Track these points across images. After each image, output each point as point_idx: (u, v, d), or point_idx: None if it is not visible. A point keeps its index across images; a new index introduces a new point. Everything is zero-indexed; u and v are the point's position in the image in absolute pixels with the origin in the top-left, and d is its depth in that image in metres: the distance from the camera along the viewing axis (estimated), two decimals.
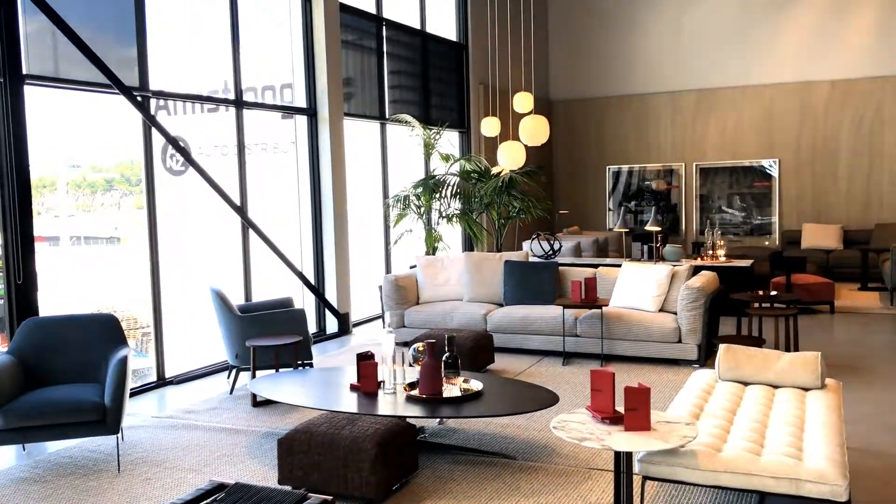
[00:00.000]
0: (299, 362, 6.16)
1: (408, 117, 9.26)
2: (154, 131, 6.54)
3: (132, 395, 6.16)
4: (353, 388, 4.81)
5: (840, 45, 12.43)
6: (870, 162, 12.40)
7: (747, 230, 13.28)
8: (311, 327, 8.50)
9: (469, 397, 4.56)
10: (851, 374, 6.33)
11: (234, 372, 6.24)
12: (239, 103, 7.46)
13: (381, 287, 7.76)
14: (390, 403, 4.53)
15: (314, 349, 7.90)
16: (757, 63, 12.97)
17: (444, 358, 4.81)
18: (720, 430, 3.69)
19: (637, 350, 6.87)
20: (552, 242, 10.01)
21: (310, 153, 8.40)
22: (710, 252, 9.44)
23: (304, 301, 8.32)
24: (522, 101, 10.09)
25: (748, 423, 3.79)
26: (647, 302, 7.07)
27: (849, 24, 12.36)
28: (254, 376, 5.81)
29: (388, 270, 9.65)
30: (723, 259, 9.33)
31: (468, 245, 11.63)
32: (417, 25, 10.64)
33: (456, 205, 9.17)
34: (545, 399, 4.56)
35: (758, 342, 6.29)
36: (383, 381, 4.81)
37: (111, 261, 7.27)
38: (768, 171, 13.04)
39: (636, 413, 3.31)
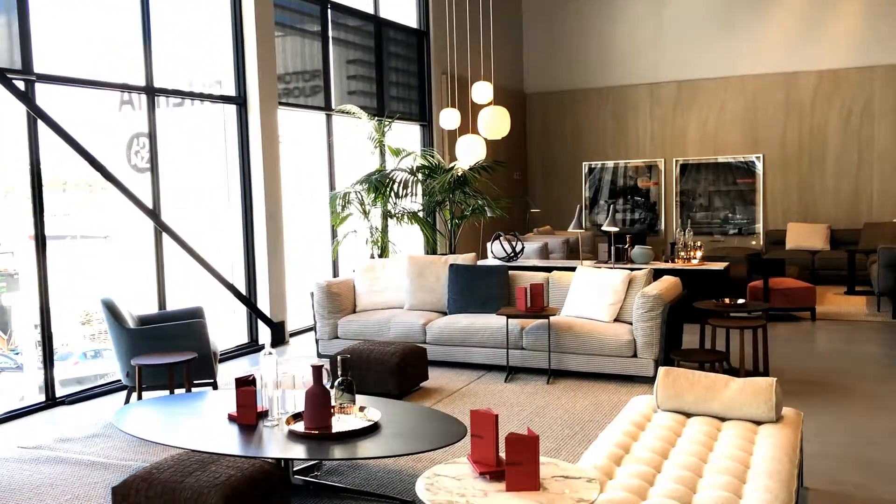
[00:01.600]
0: (199, 381, 5.44)
1: (353, 108, 8.53)
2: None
3: (6, 419, 5.44)
4: (231, 418, 4.08)
5: (827, 33, 11.70)
6: (859, 157, 11.68)
7: (730, 230, 12.55)
8: (242, 337, 7.79)
9: (362, 432, 3.83)
10: (826, 394, 5.60)
11: (127, 392, 5.51)
12: (150, 90, 6.72)
13: (312, 294, 7.03)
14: (264, 440, 3.80)
15: (244, 362, 7.19)
16: (740, 52, 12.24)
17: (336, 383, 4.09)
18: (640, 482, 2.96)
19: (589, 365, 6.14)
20: (514, 243, 9.30)
21: (240, 147, 7.67)
22: (683, 254, 8.71)
23: (237, 309, 7.60)
24: (481, 91, 9.36)
25: (678, 472, 3.06)
26: (601, 311, 6.34)
27: (837, 11, 11.63)
28: (139, 398, 5.08)
29: (335, 275, 8.92)
30: (695, 262, 8.60)
31: (432, 248, 10.90)
32: (370, 10, 9.90)
33: (406, 203, 8.43)
34: (452, 433, 3.83)
35: (720, 357, 5.57)
36: (269, 411, 4.09)
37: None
38: (751, 168, 12.31)
39: (521, 469, 2.58)
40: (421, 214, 8.56)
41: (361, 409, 4.06)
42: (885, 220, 11.41)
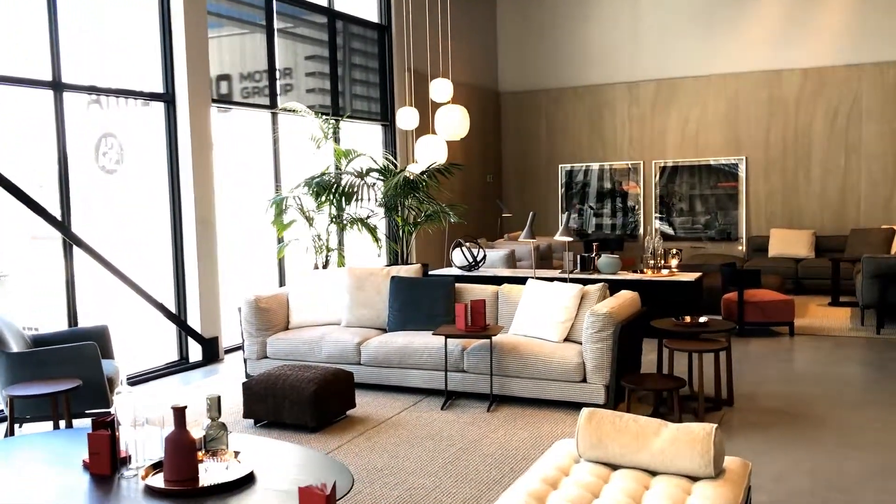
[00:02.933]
0: (92, 412, 4.84)
1: (298, 106, 7.94)
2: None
3: None
4: (85, 466, 3.49)
5: (813, 29, 11.13)
6: (846, 160, 11.10)
7: (711, 236, 11.96)
8: (172, 355, 7.19)
9: (233, 486, 3.23)
10: (794, 426, 5.01)
11: (8, 425, 4.91)
12: (57, 86, 6.12)
13: (239, 309, 6.44)
14: (111, 497, 3.20)
15: (174, 381, 6.59)
16: (721, 50, 11.66)
17: (206, 424, 3.50)
18: None
19: (535, 390, 5.54)
20: (475, 251, 8.72)
21: (168, 148, 7.08)
22: (653, 262, 8.12)
23: (167, 323, 7.01)
24: (440, 89, 8.77)
25: None
26: (550, 329, 5.75)
27: (822, 6, 11.05)
28: (10, 433, 4.49)
29: (281, 285, 8.32)
30: (666, 272, 8.02)
31: (393, 258, 10.31)
32: (324, 2, 9.31)
33: (354, 209, 7.83)
34: (337, 488, 3.23)
35: (677, 384, 4.98)
36: (131, 456, 3.49)
37: None
38: (733, 171, 11.72)
39: None
40: (371, 221, 7.95)
41: (237, 453, 3.47)
42: (874, 226, 10.83)
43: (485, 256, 8.84)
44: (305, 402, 5.02)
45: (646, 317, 5.92)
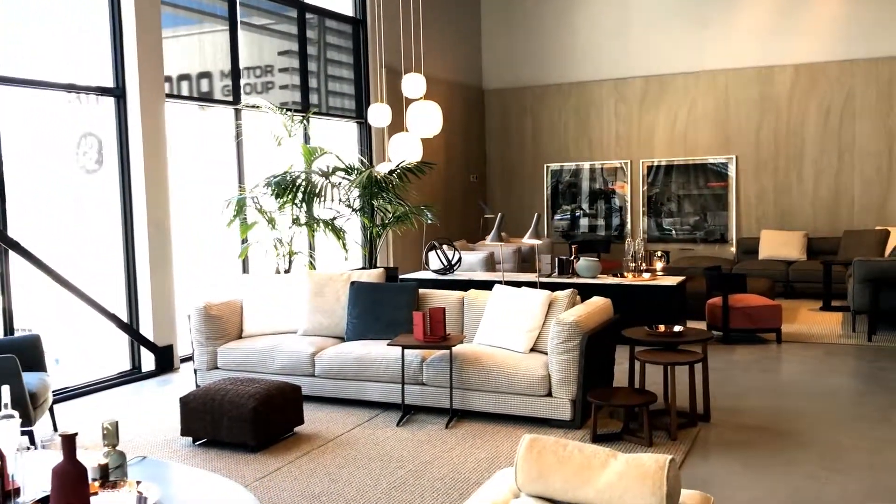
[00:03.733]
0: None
1: (260, 101, 7.56)
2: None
3: None
4: None
5: (805, 24, 10.75)
6: (839, 159, 10.72)
7: (701, 237, 11.58)
8: (125, 364, 6.81)
9: None
10: (774, 447, 4.63)
11: None
12: None
13: (189, 317, 6.06)
14: None
15: (125, 392, 6.22)
16: (711, 45, 11.28)
17: (104, 452, 3.12)
18: None
19: (498, 405, 5.16)
20: (451, 254, 8.35)
21: (119, 146, 6.70)
22: (633, 265, 7.74)
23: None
24: (413, 84, 8.41)
25: None
26: (516, 339, 5.37)
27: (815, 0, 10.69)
28: None
29: None
30: (647, 276, 7.64)
31: (369, 261, 9.93)
32: None
33: (319, 210, 7.45)
34: None
35: (647, 399, 4.61)
36: (21, 488, 3.12)
37: None
38: (723, 170, 11.34)
39: None
40: (341, 222, 7.57)
41: (138, 483, 3.09)
42: (867, 227, 10.45)
43: (460, 259, 8.47)
44: (245, 419, 4.64)
45: (620, 324, 5.54)
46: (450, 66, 11.79)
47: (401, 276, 8.44)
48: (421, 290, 6.06)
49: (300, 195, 7.02)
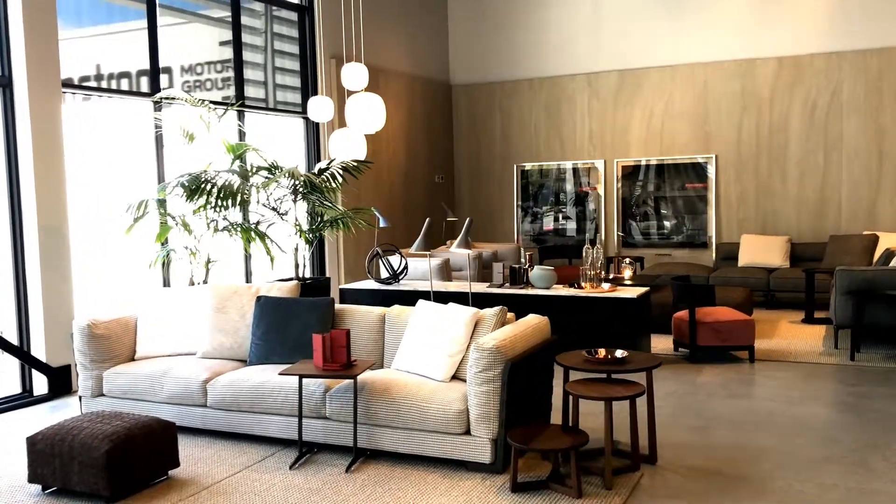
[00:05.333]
0: None
1: (177, 93, 6.81)
2: None
3: None
4: None
5: (788, 13, 10.02)
6: (825, 158, 9.98)
7: (679, 242, 10.84)
8: (14, 387, 6.06)
9: None
10: (727, 495, 3.88)
11: None
12: None
13: (72, 336, 5.31)
14: None
15: (13, 418, 5.48)
16: (688, 37, 10.55)
17: None
18: None
19: (409, 444, 4.41)
20: (395, 262, 7.62)
21: (6, 143, 5.95)
22: (592, 272, 6.98)
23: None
24: (353, 75, 7.67)
25: None
26: (436, 365, 4.63)
27: None
28: None
29: None
30: (608, 287, 6.89)
31: (318, 268, 9.20)
32: None
33: (241, 213, 6.71)
34: None
35: (577, 442, 3.87)
36: None
37: None
38: (702, 170, 10.60)
39: None
40: (262, 227, 6.82)
41: None
42: (855, 231, 9.72)
43: (406, 267, 7.73)
44: (97, 464, 3.89)
45: (557, 347, 4.80)
46: (413, 60, 11.06)
47: (341, 287, 7.70)
48: (339, 306, 5.32)
49: (214, 197, 6.26)
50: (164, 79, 8.05)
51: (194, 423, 4.97)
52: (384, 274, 7.76)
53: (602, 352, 4.49)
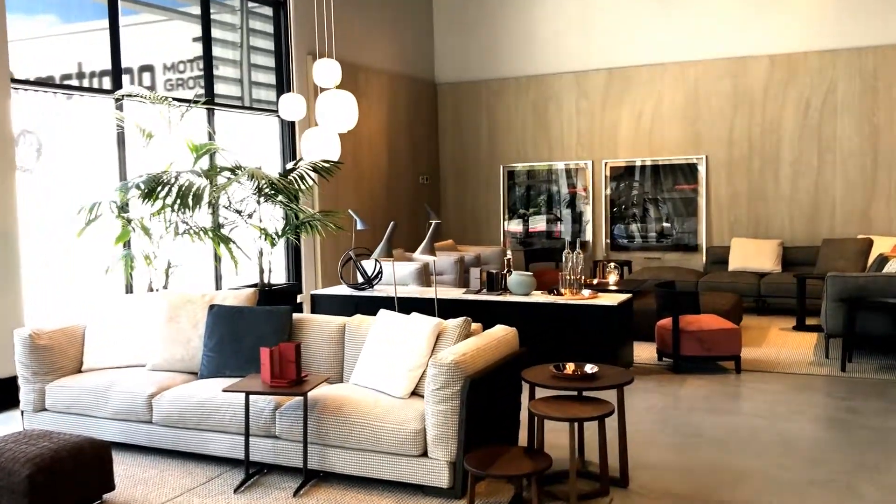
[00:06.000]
0: None
1: (136, 89, 6.51)
2: None
3: None
4: None
5: (781, 10, 9.72)
6: (819, 159, 9.68)
7: (669, 245, 10.53)
8: None
9: None
10: None
11: None
12: None
13: (14, 346, 5.00)
14: None
15: None
16: (679, 34, 10.25)
17: None
18: None
19: (363, 466, 4.11)
20: (368, 267, 7.32)
21: None
22: (572, 277, 6.68)
23: None
24: (325, 71, 7.37)
25: None
26: (395, 380, 4.33)
27: None
28: None
29: None
30: (588, 294, 6.59)
31: (294, 273, 8.89)
32: None
33: (203, 215, 6.41)
34: None
35: (539, 467, 3.56)
36: None
37: None
38: (692, 171, 10.30)
39: None
40: (227, 231, 6.51)
41: None
42: (849, 235, 9.42)
43: (380, 272, 7.43)
44: (18, 489, 3.59)
45: (526, 360, 4.50)
46: (396, 57, 10.75)
47: (313, 293, 7.40)
48: (297, 316, 5.02)
49: (172, 198, 5.95)
50: (146, 77, 7.81)
51: (140, 441, 4.67)
52: (348, 277, 7.46)
53: (571, 367, 4.19)
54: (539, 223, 11.35)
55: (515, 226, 11.46)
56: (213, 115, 7.89)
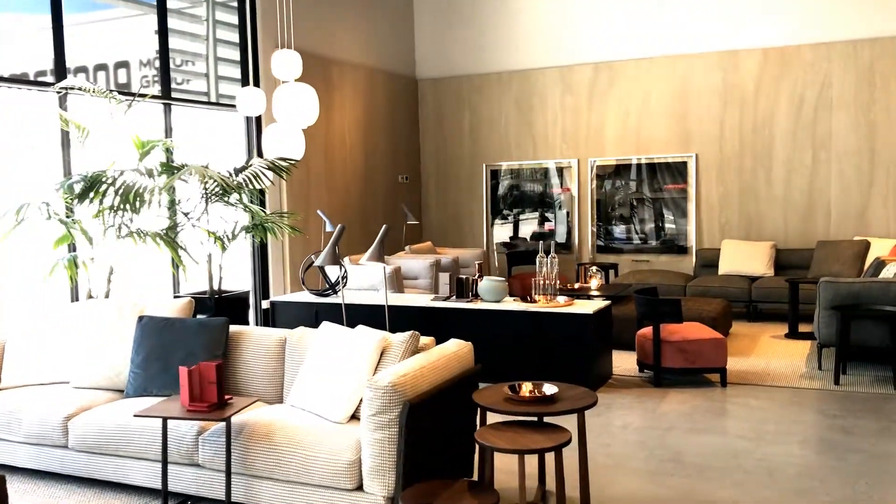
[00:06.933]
0: None
1: (78, 81, 6.05)
2: None
3: None
4: None
5: (774, 1, 9.26)
6: (814, 157, 9.23)
7: (657, 247, 10.08)
8: None
9: None
10: None
11: None
12: None
13: None
14: None
15: None
16: (667, 27, 9.80)
17: None
18: None
19: (293, 499, 3.66)
20: (332, 271, 6.89)
21: None
22: (546, 282, 6.23)
23: None
24: (283, 63, 6.93)
25: None
26: (334, 402, 3.88)
27: None
28: None
29: None
30: (563, 301, 6.14)
31: (261, 276, 8.44)
32: None
33: (149, 217, 5.95)
34: None
35: (481, 501, 3.11)
36: None
37: None
38: (681, 170, 9.85)
39: None
40: (174, 233, 6.06)
41: None
42: (845, 237, 8.97)
43: (345, 277, 6.98)
44: None
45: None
46: (375, 51, 10.30)
47: (272, 300, 6.96)
48: (235, 328, 4.57)
49: (111, 199, 5.50)
50: (121, 73, 7.42)
51: (54, 468, 4.23)
52: (331, 284, 7.02)
53: (528, 387, 3.74)
54: (523, 224, 10.90)
55: (499, 227, 11.01)
56: (170, 110, 7.44)
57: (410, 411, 3.43)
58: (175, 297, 6.29)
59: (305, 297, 6.93)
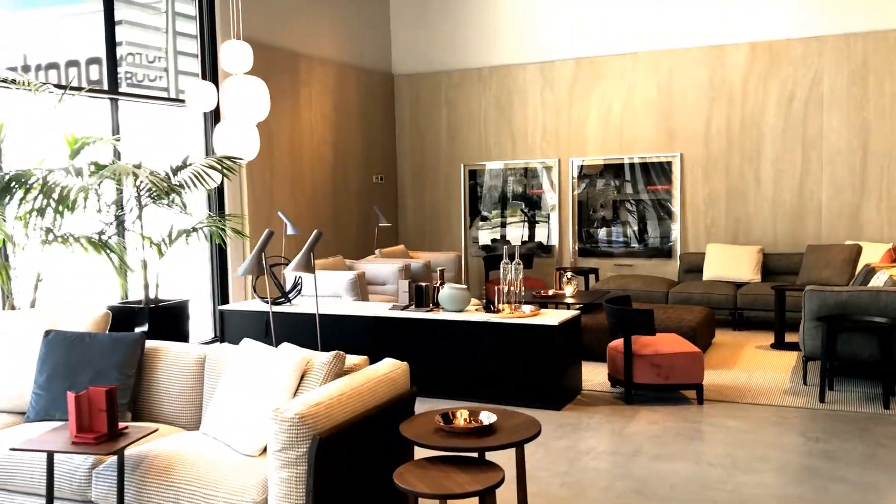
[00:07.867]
0: None
1: (15, 76, 5.61)
2: None
3: None
4: None
5: None
6: (804, 157, 8.79)
7: (641, 251, 9.64)
8: None
9: None
10: None
11: None
12: None
13: None
14: None
15: None
16: (651, 21, 9.36)
17: None
18: None
19: None
20: (285, 279, 6.45)
21: None
22: (512, 289, 5.79)
23: None
24: (233, 54, 6.48)
25: None
26: (244, 432, 3.43)
27: None
28: None
29: None
30: (529, 310, 5.70)
31: (220, 283, 8.00)
32: None
33: (79, 221, 5.51)
34: None
35: None
36: None
37: None
38: (666, 171, 9.41)
39: None
40: (107, 237, 5.61)
41: None
42: (836, 241, 8.53)
43: (300, 285, 6.55)
44: None
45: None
46: (346, 46, 9.86)
47: (220, 308, 6.52)
48: (151, 344, 4.13)
49: (35, 200, 5.06)
50: (93, 70, 7.02)
51: None
52: (263, 291, 6.58)
53: (464, 415, 3.30)
54: (502, 227, 10.46)
55: (478, 230, 10.57)
56: (118, 106, 6.99)
57: (321, 446, 2.98)
58: (114, 306, 5.83)
59: (257, 305, 6.49)
